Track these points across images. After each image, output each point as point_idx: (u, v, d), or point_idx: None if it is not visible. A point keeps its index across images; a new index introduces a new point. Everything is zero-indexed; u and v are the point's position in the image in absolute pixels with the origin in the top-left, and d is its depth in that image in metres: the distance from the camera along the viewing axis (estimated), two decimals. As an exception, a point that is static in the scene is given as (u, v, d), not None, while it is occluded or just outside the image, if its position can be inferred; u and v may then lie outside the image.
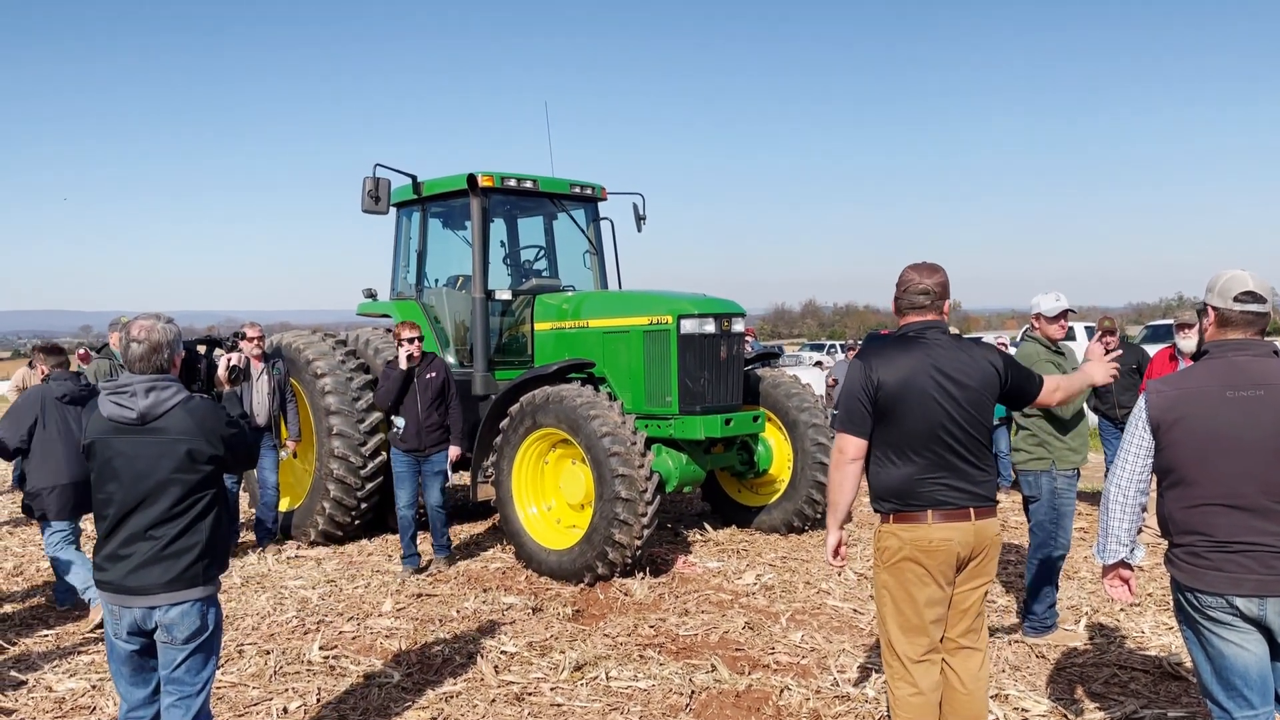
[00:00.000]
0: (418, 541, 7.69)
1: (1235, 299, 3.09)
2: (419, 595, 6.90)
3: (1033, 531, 5.63)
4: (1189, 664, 4.77)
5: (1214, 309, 3.15)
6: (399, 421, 7.35)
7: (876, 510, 3.69)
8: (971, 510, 3.56)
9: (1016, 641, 5.64)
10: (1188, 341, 7.66)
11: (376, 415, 8.19)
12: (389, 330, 8.84)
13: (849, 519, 3.84)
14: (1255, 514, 2.97)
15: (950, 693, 3.72)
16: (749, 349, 9.31)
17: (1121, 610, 6.15)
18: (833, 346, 41.74)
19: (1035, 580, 5.62)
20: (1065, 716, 4.58)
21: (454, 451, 7.55)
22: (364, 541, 8.67)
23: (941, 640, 3.70)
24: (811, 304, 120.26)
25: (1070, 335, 5.97)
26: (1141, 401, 3.20)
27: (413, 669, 5.41)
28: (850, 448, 3.65)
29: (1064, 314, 5.65)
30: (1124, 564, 3.34)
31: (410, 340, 7.35)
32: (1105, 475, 4.14)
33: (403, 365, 7.30)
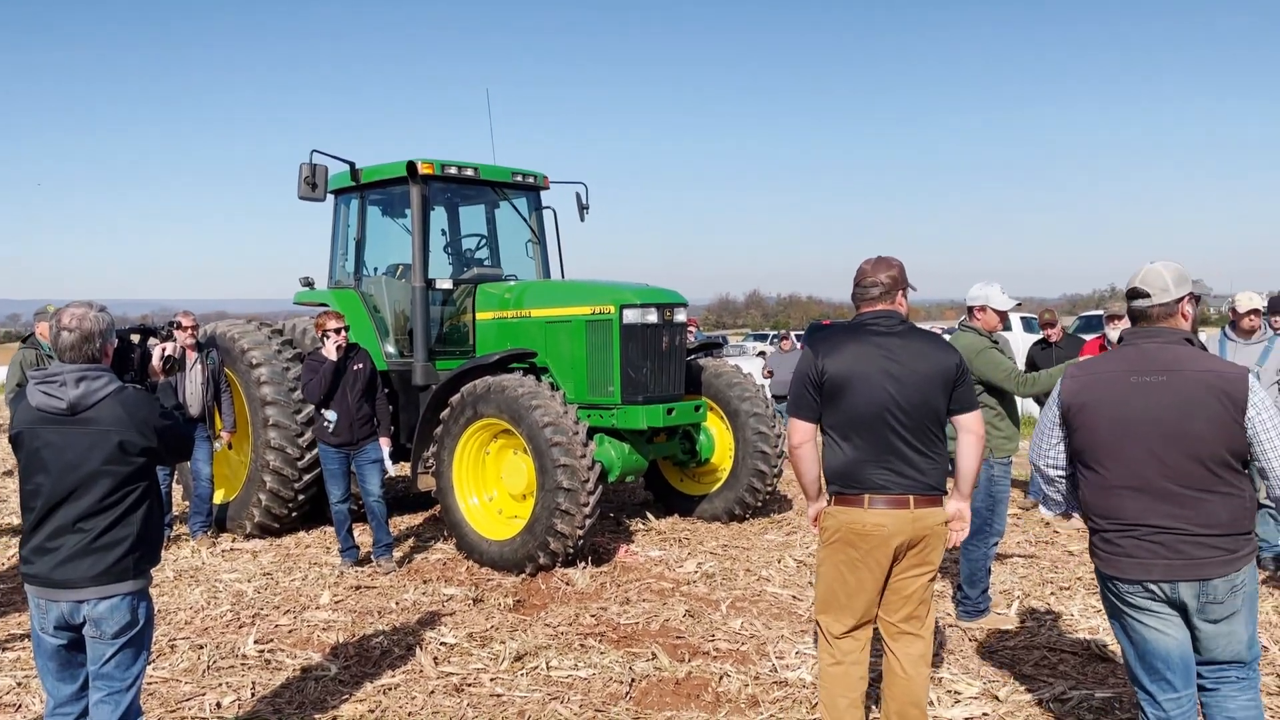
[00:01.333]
0: (355, 534, 7.61)
1: (1126, 296, 3.29)
2: (357, 587, 6.84)
3: (967, 518, 5.73)
4: (1116, 647, 4.92)
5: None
6: (330, 415, 7.18)
7: (829, 492, 3.77)
8: (912, 498, 3.61)
9: (950, 625, 5.75)
10: (1117, 332, 7.86)
11: (312, 406, 8.08)
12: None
13: (820, 494, 3.89)
14: (1159, 497, 3.08)
15: (890, 676, 3.80)
16: (692, 339, 9.35)
17: (1052, 594, 6.32)
18: (775, 337, 42.07)
19: (969, 566, 5.73)
20: (996, 698, 4.69)
21: (385, 441, 7.46)
22: (301, 534, 8.55)
23: (877, 620, 3.78)
24: (755, 294, 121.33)
25: (1005, 325, 6.07)
26: (1058, 386, 3.33)
27: (350, 661, 5.36)
28: (796, 432, 3.78)
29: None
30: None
31: (338, 330, 7.19)
32: None
33: (332, 356, 7.13)
